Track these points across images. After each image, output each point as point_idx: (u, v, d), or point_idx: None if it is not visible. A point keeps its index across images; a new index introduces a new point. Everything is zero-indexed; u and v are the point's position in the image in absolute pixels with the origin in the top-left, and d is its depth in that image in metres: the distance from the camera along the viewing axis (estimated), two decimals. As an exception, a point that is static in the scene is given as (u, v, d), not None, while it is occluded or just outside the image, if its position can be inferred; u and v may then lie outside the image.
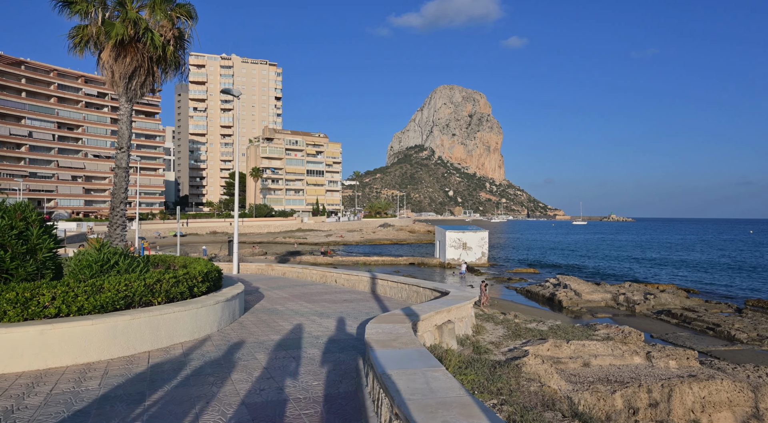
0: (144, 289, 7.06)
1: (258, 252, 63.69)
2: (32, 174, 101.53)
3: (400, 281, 12.49)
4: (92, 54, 15.30)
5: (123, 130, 15.17)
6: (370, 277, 14.27)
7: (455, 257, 52.97)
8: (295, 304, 12.03)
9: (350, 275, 15.42)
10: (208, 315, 8.00)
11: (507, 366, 6.32)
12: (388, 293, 13.14)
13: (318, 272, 17.21)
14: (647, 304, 30.03)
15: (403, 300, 12.05)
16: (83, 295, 6.32)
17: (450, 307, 7.46)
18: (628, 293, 31.90)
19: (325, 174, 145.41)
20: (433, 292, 10.77)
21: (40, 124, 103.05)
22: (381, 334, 5.38)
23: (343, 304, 11.82)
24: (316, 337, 7.87)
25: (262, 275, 20.58)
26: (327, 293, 14.02)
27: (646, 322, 27.43)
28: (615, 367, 7.38)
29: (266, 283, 17.10)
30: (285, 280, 18.13)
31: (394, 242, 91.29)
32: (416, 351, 4.48)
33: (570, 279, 35.73)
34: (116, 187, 15.08)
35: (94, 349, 6.15)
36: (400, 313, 6.83)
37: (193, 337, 7.57)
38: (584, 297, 31.92)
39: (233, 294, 9.28)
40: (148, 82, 15.40)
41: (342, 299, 12.63)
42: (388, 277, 13.58)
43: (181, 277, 7.90)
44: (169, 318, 7.10)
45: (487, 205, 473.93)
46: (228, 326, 8.84)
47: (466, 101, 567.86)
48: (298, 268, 18.85)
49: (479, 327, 8.97)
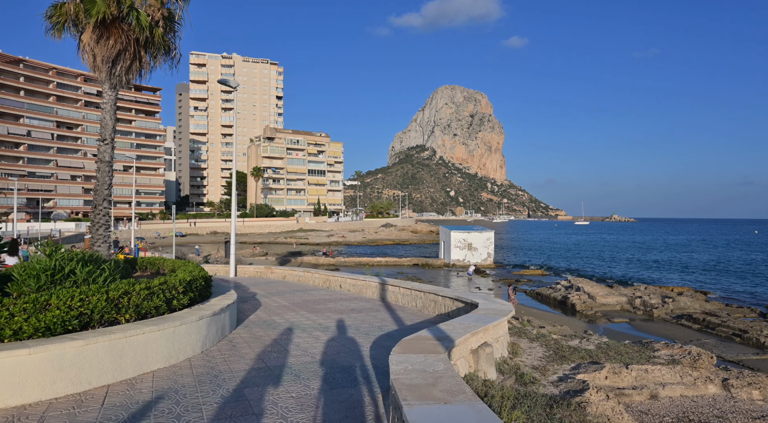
0: (106, 304, 5.62)
1: (259, 252, 62.36)
2: (31, 173, 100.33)
3: (414, 288, 11.03)
4: (73, 37, 13.91)
5: (106, 120, 13.75)
6: (379, 282, 12.81)
7: (460, 258, 51.51)
8: (295, 314, 10.60)
9: (356, 280, 13.96)
10: (189, 334, 6.56)
11: (566, 404, 4.92)
12: (400, 301, 11.69)
13: (321, 276, 15.76)
14: (665, 308, 28.53)
15: (418, 310, 10.62)
16: (21, 314, 4.88)
17: (487, 325, 6.02)
18: (645, 296, 30.41)
19: (326, 174, 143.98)
20: (455, 302, 9.32)
21: (39, 123, 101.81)
22: (412, 371, 3.94)
23: (350, 314, 10.39)
24: (321, 362, 6.43)
25: (260, 279, 19.14)
26: (331, 300, 12.59)
27: (667, 327, 25.99)
28: (689, 400, 5.98)
29: (265, 288, 15.67)
30: (285, 285, 16.70)
31: (397, 242, 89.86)
32: (470, 408, 3.04)
33: (582, 281, 34.26)
34: (99, 183, 13.64)
35: (33, 387, 4.69)
36: (428, 335, 5.38)
37: (169, 363, 6.13)
38: (598, 300, 30.45)
39: (222, 306, 7.85)
40: (135, 67, 14.00)
41: (348, 308, 11.20)
42: (400, 282, 12.12)
43: (156, 287, 6.46)
44: (138, 341, 5.65)
45: (488, 206, 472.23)
46: (215, 346, 7.39)
47: (468, 101, 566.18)
48: (300, 271, 17.40)
49: (513, 345, 7.54)
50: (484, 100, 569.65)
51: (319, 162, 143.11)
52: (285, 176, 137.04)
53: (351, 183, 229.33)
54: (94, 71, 13.49)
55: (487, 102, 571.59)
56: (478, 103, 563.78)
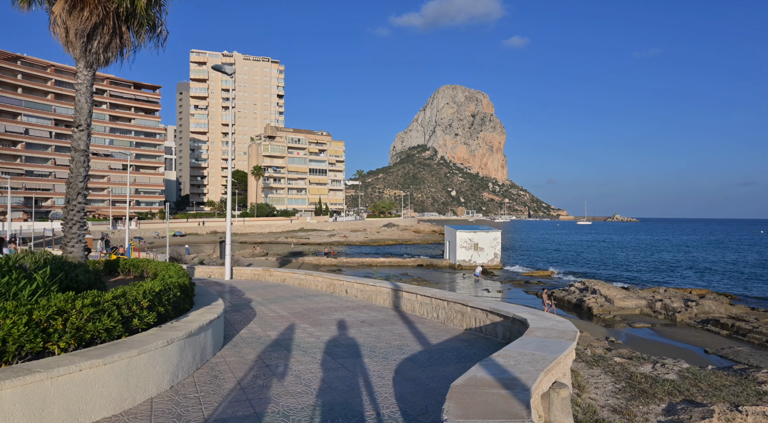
0: (27, 329, 3.96)
1: (259, 252, 60.78)
2: (28, 172, 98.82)
3: (435, 296, 9.34)
4: (46, 10, 12.30)
5: (81, 104, 12.11)
6: (391, 288, 11.12)
7: (466, 258, 49.86)
8: (295, 328, 8.93)
9: (365, 285, 12.27)
10: (153, 365, 4.89)
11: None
12: (417, 311, 10.01)
13: (325, 280, 14.08)
14: (689, 312, 26.83)
15: (441, 323, 8.94)
16: None
17: (558, 356, 4.36)
18: (666, 299, 28.71)
19: (327, 173, 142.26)
20: (489, 316, 7.63)
21: (37, 121, 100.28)
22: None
23: (360, 328, 8.71)
24: (328, 406, 4.73)
25: (258, 282, 17.47)
26: (337, 309, 10.91)
27: (693, 333, 24.29)
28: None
29: (262, 294, 14.00)
30: (285, 289, 15.03)
31: (399, 242, 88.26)
32: None
33: (598, 283, 32.56)
34: (72, 175, 12.00)
35: None
36: (486, 377, 3.70)
37: (121, 408, 4.45)
38: (616, 304, 28.77)
39: (203, 323, 6.18)
40: (115, 44, 12.36)
41: (358, 320, 9.53)
42: (417, 289, 10.42)
43: (107, 303, 4.79)
44: (72, 381, 3.99)
45: (489, 205, 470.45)
46: (191, 376, 5.71)
47: (469, 101, 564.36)
48: (301, 274, 15.72)
49: (573, 373, 5.89)
50: (486, 100, 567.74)
51: (321, 161, 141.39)
52: (286, 175, 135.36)
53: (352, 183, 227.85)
54: (67, 48, 11.86)
55: (489, 102, 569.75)
56: (479, 103, 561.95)
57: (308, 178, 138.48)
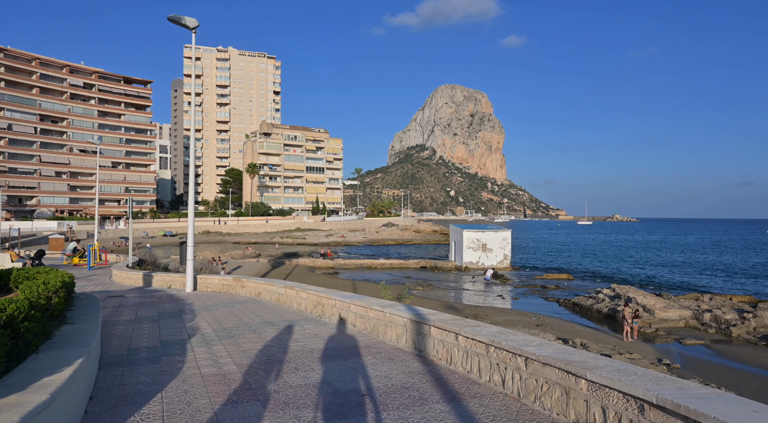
0: None
1: (251, 253, 56.84)
2: (12, 169, 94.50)
3: (497, 345, 5.23)
4: None
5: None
6: (410, 318, 6.99)
7: (473, 260, 45.94)
8: (242, 409, 4.85)
9: (369, 309, 8.16)
10: None
11: None
12: (459, 364, 5.89)
13: (311, 297, 10.00)
14: (746, 325, 22.77)
15: (513, 399, 4.90)
16: None
17: None
18: (715, 310, 24.70)
19: (325, 171, 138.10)
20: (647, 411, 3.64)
21: (21, 116, 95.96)
22: None
23: (364, 409, 4.70)
24: None
25: (225, 296, 13.41)
26: (324, 357, 6.84)
27: (758, 352, 20.12)
28: None
29: (219, 318, 9.96)
30: (255, 309, 10.98)
31: (399, 242, 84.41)
32: None
33: (631, 290, 28.57)
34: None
35: None
36: None
37: None
38: (657, 315, 24.77)
39: None
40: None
41: (361, 390, 5.52)
42: (457, 323, 6.29)
43: None
44: None
45: (488, 205, 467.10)
46: None
47: (468, 101, 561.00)
48: (280, 287, 11.64)
49: None
50: (485, 100, 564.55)
51: (318, 159, 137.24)
52: (282, 173, 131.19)
53: (351, 182, 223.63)
54: None
55: (488, 101, 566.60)
56: (478, 103, 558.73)
57: (305, 176, 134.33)
